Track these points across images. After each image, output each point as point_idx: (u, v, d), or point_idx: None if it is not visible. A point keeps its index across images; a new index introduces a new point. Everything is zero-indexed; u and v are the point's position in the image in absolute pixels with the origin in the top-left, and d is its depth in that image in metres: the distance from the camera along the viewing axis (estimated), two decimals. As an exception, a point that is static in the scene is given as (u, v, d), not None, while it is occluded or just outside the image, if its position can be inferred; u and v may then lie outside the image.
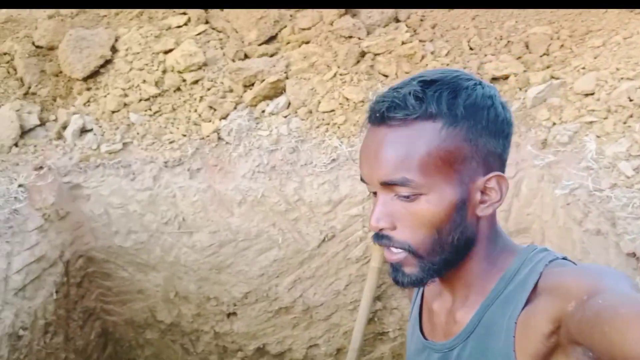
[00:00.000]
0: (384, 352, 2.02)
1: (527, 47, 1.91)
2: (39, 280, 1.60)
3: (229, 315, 1.97)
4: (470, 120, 0.70)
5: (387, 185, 0.71)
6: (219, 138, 1.79)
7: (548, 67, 1.82)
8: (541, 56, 1.87)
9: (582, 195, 1.40)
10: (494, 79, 1.82)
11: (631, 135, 1.36)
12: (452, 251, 0.75)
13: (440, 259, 0.75)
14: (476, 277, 0.79)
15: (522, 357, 0.72)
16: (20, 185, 1.67)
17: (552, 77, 1.76)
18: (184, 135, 1.78)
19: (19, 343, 1.53)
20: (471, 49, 1.94)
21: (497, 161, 0.74)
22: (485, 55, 1.91)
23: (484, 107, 0.71)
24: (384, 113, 0.70)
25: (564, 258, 0.77)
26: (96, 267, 1.89)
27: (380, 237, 0.75)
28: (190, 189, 1.76)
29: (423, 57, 1.89)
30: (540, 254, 0.77)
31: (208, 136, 1.75)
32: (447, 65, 1.83)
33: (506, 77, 1.83)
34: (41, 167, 1.73)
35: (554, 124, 1.63)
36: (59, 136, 1.82)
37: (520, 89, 1.79)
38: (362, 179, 0.78)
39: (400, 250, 0.74)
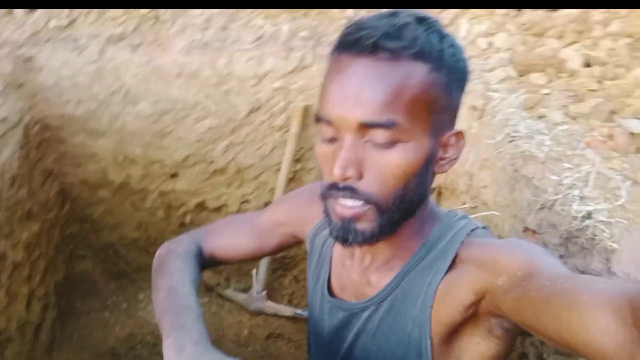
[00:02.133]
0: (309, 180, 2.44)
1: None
2: (4, 138, 1.86)
3: (171, 176, 2.30)
4: (451, 69, 0.66)
5: (366, 127, 0.64)
6: (156, 17, 2.02)
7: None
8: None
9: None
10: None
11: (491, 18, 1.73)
12: (408, 208, 0.71)
13: (398, 216, 0.70)
14: (404, 240, 0.75)
15: (436, 325, 0.71)
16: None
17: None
18: (125, 13, 2.00)
19: (-9, 189, 1.82)
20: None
21: (456, 116, 0.71)
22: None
23: (459, 58, 0.68)
24: (376, 42, 0.61)
25: (484, 227, 0.76)
26: (52, 133, 2.15)
27: (340, 188, 0.67)
28: (132, 62, 2.00)
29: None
30: (461, 222, 0.75)
31: (147, 14, 1.98)
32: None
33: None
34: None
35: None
36: (10, 12, 1.99)
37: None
38: (318, 119, 0.68)
39: (360, 203, 0.67)
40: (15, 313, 1.95)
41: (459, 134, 0.70)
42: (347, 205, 0.68)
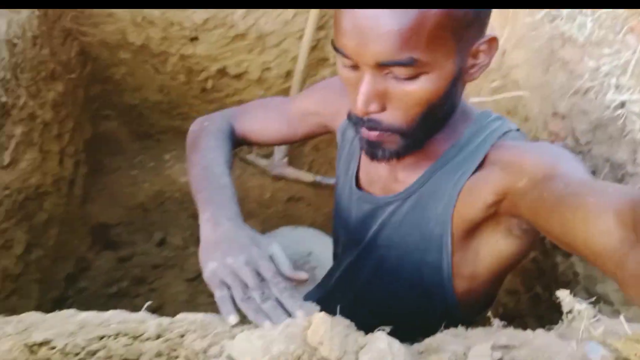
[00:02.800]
0: (325, 75, 2.41)
1: None
2: (20, -6, 1.80)
3: (191, 39, 2.26)
4: None
5: (385, 66, 0.62)
6: None
7: None
8: None
9: None
10: None
11: None
12: (435, 126, 0.71)
13: (425, 134, 0.70)
14: (434, 142, 0.75)
15: (458, 222, 0.73)
16: None
17: None
18: None
19: (14, 49, 1.81)
20: None
21: (487, 22, 0.66)
22: None
23: None
24: None
25: (517, 130, 0.75)
26: (67, -10, 2.07)
27: (364, 121, 0.68)
28: None
29: None
30: (494, 123, 0.74)
31: None
32: None
33: None
34: None
35: None
36: None
37: None
38: (336, 49, 0.65)
39: (384, 132, 0.68)
40: (49, 169, 2.06)
41: (492, 40, 0.66)
42: (373, 131, 0.69)
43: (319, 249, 2.53)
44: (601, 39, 1.02)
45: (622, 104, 0.89)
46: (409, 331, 0.80)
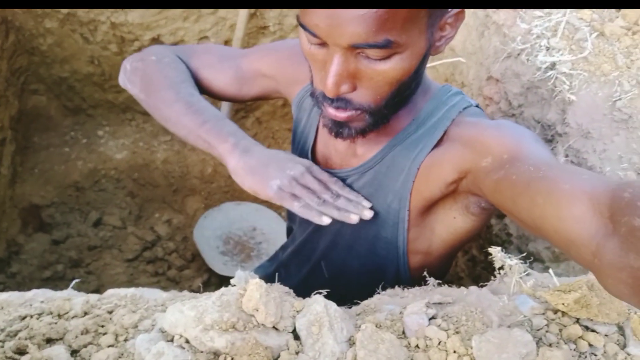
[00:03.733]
0: (265, 42, 2.36)
1: None
2: None
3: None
4: None
5: (360, 48, 0.59)
6: None
7: None
8: None
9: None
10: None
11: None
12: (402, 102, 0.70)
13: (391, 111, 0.69)
14: (394, 117, 0.73)
15: (416, 199, 0.73)
16: None
17: None
18: None
19: None
20: None
21: None
22: None
23: None
24: None
25: (477, 106, 0.74)
26: (-20, -49, 1.91)
27: (332, 101, 0.66)
28: None
29: None
30: (454, 98, 0.73)
31: None
32: None
33: None
34: None
35: None
36: None
37: None
38: (303, 27, 0.61)
39: (353, 111, 0.67)
40: (-29, 148, 1.92)
41: (460, 12, 0.63)
42: (341, 110, 0.67)
43: (263, 224, 2.51)
44: (533, 2, 1.04)
45: (553, 65, 0.91)
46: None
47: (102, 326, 0.64)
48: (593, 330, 0.60)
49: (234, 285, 0.62)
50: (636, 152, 0.80)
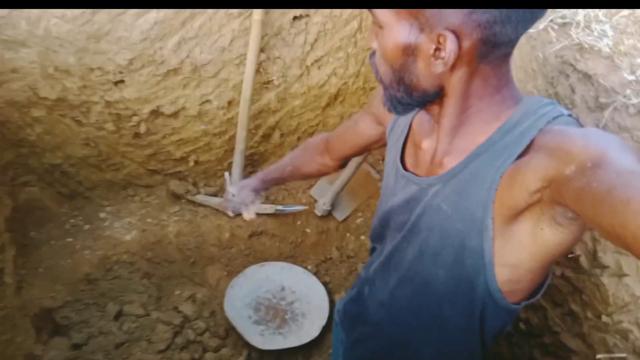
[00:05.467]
0: (270, 98, 2.24)
1: None
2: None
3: (116, 83, 1.98)
4: None
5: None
6: None
7: None
8: None
9: None
10: None
11: None
12: (409, 93, 0.76)
13: (400, 95, 0.76)
14: (479, 123, 0.76)
15: (500, 207, 0.72)
16: None
17: None
18: None
19: None
20: None
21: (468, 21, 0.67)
22: None
23: None
24: None
25: (569, 115, 0.73)
26: (-45, 49, 1.73)
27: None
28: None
29: None
30: (545, 108, 0.73)
31: None
32: None
33: None
34: None
35: None
36: None
37: None
38: None
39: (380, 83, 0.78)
40: (-26, 266, 1.72)
41: (459, 42, 0.67)
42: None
43: (291, 282, 2.37)
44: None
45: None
46: (451, 316, 0.85)
47: None
48: None
49: None
50: None
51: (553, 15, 1.08)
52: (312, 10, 2.04)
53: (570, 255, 1.14)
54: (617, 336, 1.07)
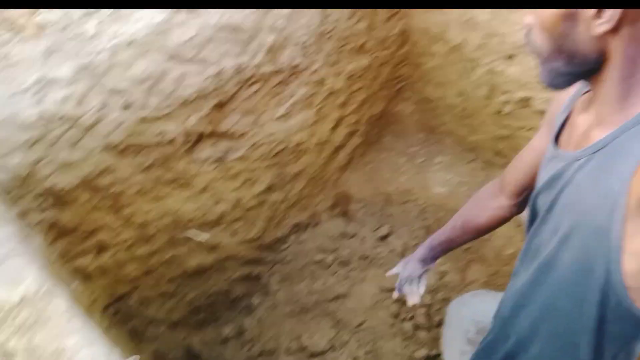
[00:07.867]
0: None
1: None
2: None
3: (508, 57, 1.97)
4: None
5: None
6: None
7: None
8: None
9: None
10: None
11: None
12: (570, 61, 0.75)
13: (559, 64, 0.76)
14: (633, 97, 0.73)
15: (638, 186, 0.69)
16: None
17: None
18: None
19: (327, 18, 1.90)
20: None
21: None
22: None
23: None
24: None
25: None
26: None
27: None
28: None
29: None
30: None
31: None
32: None
33: None
34: None
35: None
36: None
37: None
38: None
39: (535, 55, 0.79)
40: (318, 131, 2.19)
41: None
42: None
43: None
44: None
45: None
46: (564, 310, 0.82)
47: None
48: None
49: None
50: None
51: None
52: None
53: None
54: None
